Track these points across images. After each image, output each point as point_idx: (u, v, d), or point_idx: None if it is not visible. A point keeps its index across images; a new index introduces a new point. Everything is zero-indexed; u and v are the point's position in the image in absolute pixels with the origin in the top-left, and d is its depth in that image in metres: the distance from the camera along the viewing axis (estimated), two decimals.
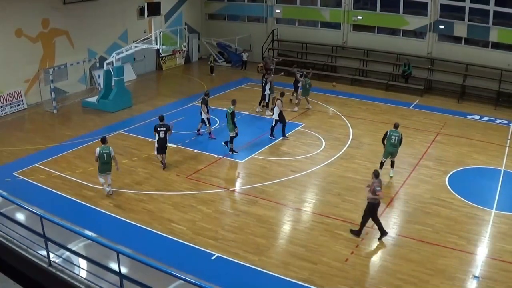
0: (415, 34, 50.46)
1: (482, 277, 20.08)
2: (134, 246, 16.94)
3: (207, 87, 46.00)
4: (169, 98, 43.25)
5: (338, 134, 35.15)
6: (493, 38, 45.88)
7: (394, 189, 27.50)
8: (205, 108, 33.51)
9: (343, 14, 52.31)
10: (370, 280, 19.86)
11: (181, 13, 55.65)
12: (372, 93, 46.57)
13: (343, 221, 23.92)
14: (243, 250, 21.27)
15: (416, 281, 19.73)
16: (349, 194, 26.80)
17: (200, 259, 20.58)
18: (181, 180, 27.78)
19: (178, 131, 34.16)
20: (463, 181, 28.61)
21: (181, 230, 22.63)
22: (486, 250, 22.15)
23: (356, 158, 31.26)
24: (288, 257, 21.06)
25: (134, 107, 40.14)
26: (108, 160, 24.91)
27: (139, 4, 45.60)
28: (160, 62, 53.53)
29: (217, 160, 30.48)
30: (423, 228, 23.70)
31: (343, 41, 52.91)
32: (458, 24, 47.17)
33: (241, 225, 23.33)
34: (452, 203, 26.18)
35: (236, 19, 59.70)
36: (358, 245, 22.07)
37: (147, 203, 25.07)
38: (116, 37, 47.60)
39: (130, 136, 34.03)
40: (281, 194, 26.59)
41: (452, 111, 40.13)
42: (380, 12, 50.80)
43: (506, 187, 28.36)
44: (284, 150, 32.42)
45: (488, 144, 33.93)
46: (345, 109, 41.17)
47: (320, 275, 19.84)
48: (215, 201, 25.59)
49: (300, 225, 24.01)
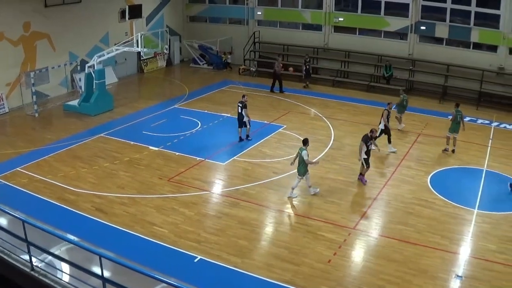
0: (397, 36, 50.65)
1: (465, 276, 20.24)
2: (116, 250, 16.85)
3: (188, 89, 46.07)
4: (150, 100, 43.17)
5: (319, 135, 35.20)
6: (475, 39, 46.17)
7: (376, 190, 27.59)
8: (247, 111, 33.72)
9: (324, 16, 52.35)
10: (353, 281, 19.93)
11: (162, 15, 55.49)
12: (354, 95, 46.65)
13: (326, 223, 24.01)
14: (225, 252, 21.30)
15: (399, 281, 19.85)
16: (331, 195, 26.88)
17: (182, 262, 20.59)
18: (163, 183, 27.76)
19: (160, 133, 34.19)
20: (445, 181, 28.74)
21: (164, 233, 22.62)
22: (469, 250, 22.33)
23: (338, 159, 31.34)
24: (271, 258, 21.11)
25: (116, 110, 40.00)
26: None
27: (121, 6, 45.64)
28: (141, 65, 53.32)
29: (199, 163, 30.44)
30: (405, 228, 23.83)
31: (324, 42, 52.95)
32: (439, 25, 47.40)
33: (223, 227, 23.36)
34: (434, 203, 26.37)
35: (217, 21, 59.56)
36: (341, 246, 22.14)
37: (129, 206, 25.03)
38: (98, 40, 47.41)
39: (112, 139, 33.87)
40: (263, 196, 26.66)
41: (434, 112, 40.28)
42: (361, 14, 50.88)
43: (488, 186, 28.55)
44: (265, 152, 32.47)
45: (470, 144, 34.09)
46: (327, 111, 41.23)
47: (303, 276, 19.92)
48: (197, 204, 25.59)
49: (283, 226, 24.12)
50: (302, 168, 26.35)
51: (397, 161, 31.50)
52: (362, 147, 26.98)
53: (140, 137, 33.93)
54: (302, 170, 26.35)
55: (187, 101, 42.95)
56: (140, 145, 32.67)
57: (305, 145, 26.52)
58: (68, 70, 44.98)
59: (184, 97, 43.79)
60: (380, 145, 30.28)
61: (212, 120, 37.96)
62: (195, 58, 57.45)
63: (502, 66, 44.96)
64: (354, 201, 26.53)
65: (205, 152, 31.80)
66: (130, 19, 40.54)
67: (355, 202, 26.43)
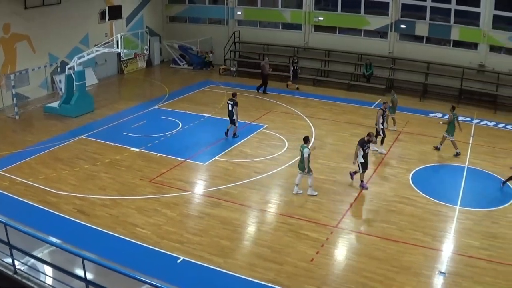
0: (377, 34, 50.86)
1: (448, 273, 20.38)
2: (99, 252, 16.78)
3: (168, 90, 46.03)
4: (131, 102, 43.06)
5: (301, 134, 34.94)
6: (455, 37, 46.55)
7: (358, 188, 27.70)
8: (237, 109, 34.14)
9: (304, 15, 52.49)
10: (336, 279, 19.99)
11: (142, 16, 55.35)
12: (334, 94, 46.80)
13: (308, 221, 24.07)
14: (208, 252, 21.29)
15: (382, 278, 19.94)
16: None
17: (165, 263, 20.55)
18: (144, 184, 27.69)
19: (141, 134, 34.15)
20: (427, 179, 28.91)
21: (146, 234, 22.57)
22: (451, 246, 22.49)
23: (319, 158, 31.33)
24: (254, 258, 21.13)
25: (96, 112, 39.83)
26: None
27: (100, 8, 45.47)
28: (121, 66, 53.13)
29: (180, 163, 30.41)
30: (387, 226, 23.97)
31: (304, 42, 53.10)
32: (419, 23, 47.68)
33: (205, 227, 23.34)
34: (416, 200, 26.53)
35: (197, 21, 59.53)
36: (323, 245, 22.20)
37: (111, 208, 24.94)
38: (78, 42, 47.20)
39: (93, 141, 33.73)
40: (245, 196, 26.68)
41: (414, 110, 40.45)
42: (341, 13, 51.06)
43: (469, 183, 28.79)
44: (247, 151, 32.50)
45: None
46: (308, 110, 41.36)
47: (286, 275, 19.95)
48: (179, 205, 25.55)
49: (265, 226, 24.11)
50: (302, 165, 26.54)
51: (379, 159, 31.69)
52: (358, 151, 26.93)
53: (121, 138, 33.86)
54: (303, 166, 26.51)
55: (167, 101, 42.92)
56: (121, 146, 32.60)
57: (306, 142, 26.79)
58: (48, 71, 44.75)
59: (164, 98, 43.75)
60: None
61: (193, 120, 37.93)
62: (175, 59, 57.44)
63: (483, 64, 45.32)
64: (336, 199, 26.56)
65: (186, 153, 31.78)
66: (110, 20, 40.42)
67: (337, 200, 26.46)
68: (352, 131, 35.65)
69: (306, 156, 26.14)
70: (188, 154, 31.63)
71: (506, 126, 39.02)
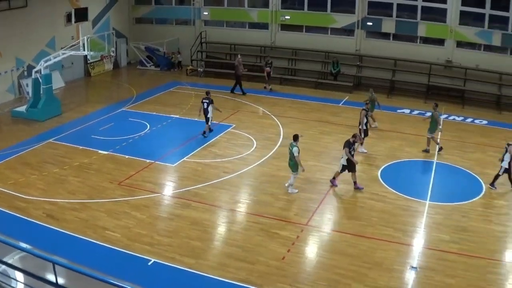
0: (343, 32, 51.12)
1: (420, 267, 20.66)
2: (70, 256, 16.69)
3: (136, 91, 45.90)
4: (98, 104, 42.81)
5: (269, 133, 35.41)
6: (422, 33, 47.15)
7: (327, 186, 27.92)
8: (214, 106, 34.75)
9: (271, 14, 52.68)
10: (308, 277, 20.14)
11: (108, 18, 55.03)
12: (302, 92, 47.11)
13: (278, 220, 24.22)
14: (179, 254, 21.30)
15: (354, 275, 20.11)
16: (282, 192, 27.15)
17: (137, 266, 20.50)
18: (113, 187, 27.59)
19: (109, 137, 34.05)
20: (396, 175, 29.21)
21: (116, 237, 22.49)
22: (422, 241, 22.80)
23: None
24: (225, 258, 21.19)
25: (64, 115, 39.53)
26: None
27: (66, 10, 45.17)
28: (88, 68, 52.73)
29: (149, 165, 30.37)
30: (358, 222, 24.26)
31: (271, 41, 53.26)
32: (386, 21, 48.12)
33: (176, 229, 23.36)
34: (386, 196, 26.85)
35: (164, 22, 59.50)
36: (294, 243, 22.34)
37: (81, 212, 24.79)
38: (44, 45, 46.83)
39: (61, 144, 33.50)
40: (215, 196, 26.73)
41: (382, 106, 40.50)
42: (308, 11, 51.39)
43: (438, 178, 29.25)
44: (215, 152, 32.55)
45: (419, 137, 34.55)
46: (276, 109, 41.54)
47: (258, 274, 20.04)
48: (149, 207, 25.51)
49: (235, 226, 24.20)
50: (294, 164, 26.70)
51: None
52: (346, 153, 26.88)
53: (89, 142, 33.69)
54: (295, 166, 26.67)
55: (135, 103, 42.79)
56: (89, 150, 32.44)
57: (295, 140, 26.82)
58: (15, 75, 44.38)
59: (132, 100, 43.61)
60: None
61: (160, 121, 37.89)
62: (142, 60, 57.28)
63: (450, 59, 45.87)
64: (306, 197, 26.74)
65: (154, 154, 31.75)
66: (76, 22, 40.25)
67: (306, 198, 26.64)
68: (320, 129, 35.91)
69: (297, 154, 26.29)
70: (157, 155, 31.60)
71: (474, 120, 39.64)
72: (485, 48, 46.01)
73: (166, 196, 27.12)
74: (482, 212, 25.59)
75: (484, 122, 39.93)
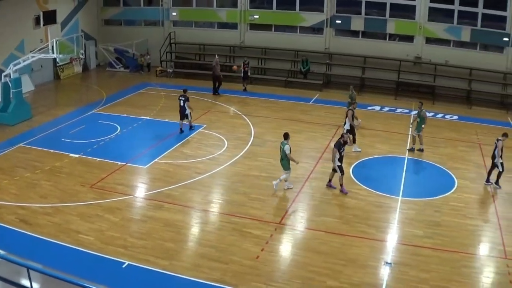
0: (312, 30, 51.44)
1: (395, 263, 20.93)
2: (44, 261, 16.56)
3: (105, 94, 45.73)
4: (68, 107, 42.54)
5: (240, 133, 35.51)
6: (391, 30, 47.62)
7: (299, 184, 28.10)
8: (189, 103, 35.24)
9: (239, 14, 52.86)
10: (282, 275, 20.24)
11: (77, 20, 54.62)
12: (272, 91, 47.33)
13: (251, 219, 24.33)
14: (153, 256, 21.30)
15: (329, 272, 20.27)
16: (254, 192, 27.25)
17: (111, 268, 20.47)
18: (85, 190, 27.45)
19: (79, 140, 33.94)
20: (368, 171, 29.46)
21: (90, 241, 22.41)
22: (396, 237, 23.11)
23: (260, 156, 31.76)
24: (199, 259, 21.23)
25: (34, 119, 39.23)
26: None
27: (35, 13, 44.94)
28: (57, 71, 52.36)
29: (121, 167, 30.31)
30: (331, 220, 24.46)
31: (240, 40, 53.43)
32: (355, 18, 48.54)
33: (149, 231, 23.35)
34: (358, 193, 27.12)
35: (132, 23, 59.39)
36: (268, 242, 22.45)
37: (53, 216, 24.65)
38: (13, 48, 46.36)
39: (32, 148, 33.25)
40: (187, 197, 26.76)
41: None
42: (277, 10, 51.66)
43: (410, 173, 29.77)
44: (187, 152, 32.57)
45: (390, 133, 34.95)
46: (246, 108, 41.75)
47: (232, 274, 20.11)
48: (121, 209, 25.46)
49: (208, 226, 24.26)
50: (286, 163, 26.79)
51: (318, 154, 32.17)
52: (335, 154, 26.86)
53: (60, 145, 33.52)
54: (287, 164, 26.80)
55: (105, 105, 42.61)
56: (60, 153, 32.23)
57: (286, 139, 26.88)
58: None
59: (102, 102, 43.44)
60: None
61: (131, 123, 37.79)
62: (111, 62, 57.03)
63: (419, 56, 46.36)
64: (278, 196, 26.91)
65: (126, 156, 31.67)
66: (45, 25, 40.15)
67: (279, 197, 26.83)
68: (291, 128, 35.88)
69: (288, 152, 26.43)
70: (128, 157, 31.55)
71: (445, 116, 40.15)
72: (454, 44, 46.57)
73: (139, 198, 27.04)
74: (454, 206, 25.91)
75: (454, 117, 40.45)
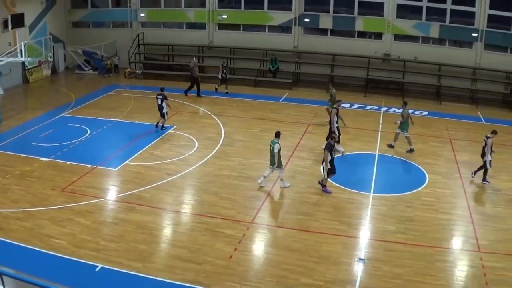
0: (281, 29, 51.65)
1: (368, 259, 21.14)
2: (16, 266, 16.55)
3: (75, 96, 45.51)
4: (38, 111, 42.21)
5: (210, 133, 35.56)
6: (359, 28, 47.94)
7: (270, 182, 28.18)
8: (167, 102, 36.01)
9: (208, 14, 52.97)
10: (256, 274, 20.34)
11: (45, 23, 54.23)
12: (241, 90, 47.51)
13: (223, 219, 24.39)
14: (126, 258, 21.27)
15: (302, 269, 20.41)
16: (226, 191, 27.34)
17: (84, 272, 20.32)
18: (56, 193, 27.30)
19: (49, 143, 33.79)
20: (339, 168, 29.28)
21: (62, 245, 22.29)
22: (368, 233, 23.36)
23: (230, 156, 31.84)
24: (172, 260, 21.26)
25: (3, 123, 38.91)
26: None
27: (3, 16, 44.62)
28: (26, 74, 52.02)
29: (91, 170, 30.18)
30: (303, 217, 24.60)
31: (209, 40, 53.51)
32: (323, 17, 48.82)
33: (121, 233, 23.30)
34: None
35: (101, 25, 59.10)
36: (241, 241, 22.57)
37: (25, 221, 24.48)
38: None
39: (1, 153, 32.91)
40: (159, 198, 26.77)
41: (322, 102, 40.93)
42: (245, 10, 51.86)
43: (381, 169, 30.10)
44: (157, 154, 32.56)
45: (360, 130, 35.30)
46: (215, 108, 41.81)
47: (206, 274, 20.14)
48: (93, 212, 25.34)
49: (181, 227, 24.33)
50: (273, 159, 26.91)
51: (289, 152, 32.27)
52: (326, 156, 26.83)
53: (29, 149, 33.24)
54: (274, 161, 26.90)
55: (74, 108, 42.40)
56: (30, 157, 32.02)
57: (277, 137, 27.10)
58: None
59: (71, 105, 43.20)
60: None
61: (101, 126, 37.66)
62: (80, 64, 56.72)
63: (388, 53, 46.69)
64: (249, 195, 27.02)
65: (96, 159, 31.55)
66: (13, 28, 39.89)
67: (250, 196, 26.92)
68: (261, 127, 36.18)
69: (277, 151, 26.59)
70: (98, 160, 31.44)
71: (415, 112, 40.32)
72: (423, 40, 47.04)
73: (110, 200, 26.96)
74: (426, 201, 26.29)
75: (424, 113, 40.95)
